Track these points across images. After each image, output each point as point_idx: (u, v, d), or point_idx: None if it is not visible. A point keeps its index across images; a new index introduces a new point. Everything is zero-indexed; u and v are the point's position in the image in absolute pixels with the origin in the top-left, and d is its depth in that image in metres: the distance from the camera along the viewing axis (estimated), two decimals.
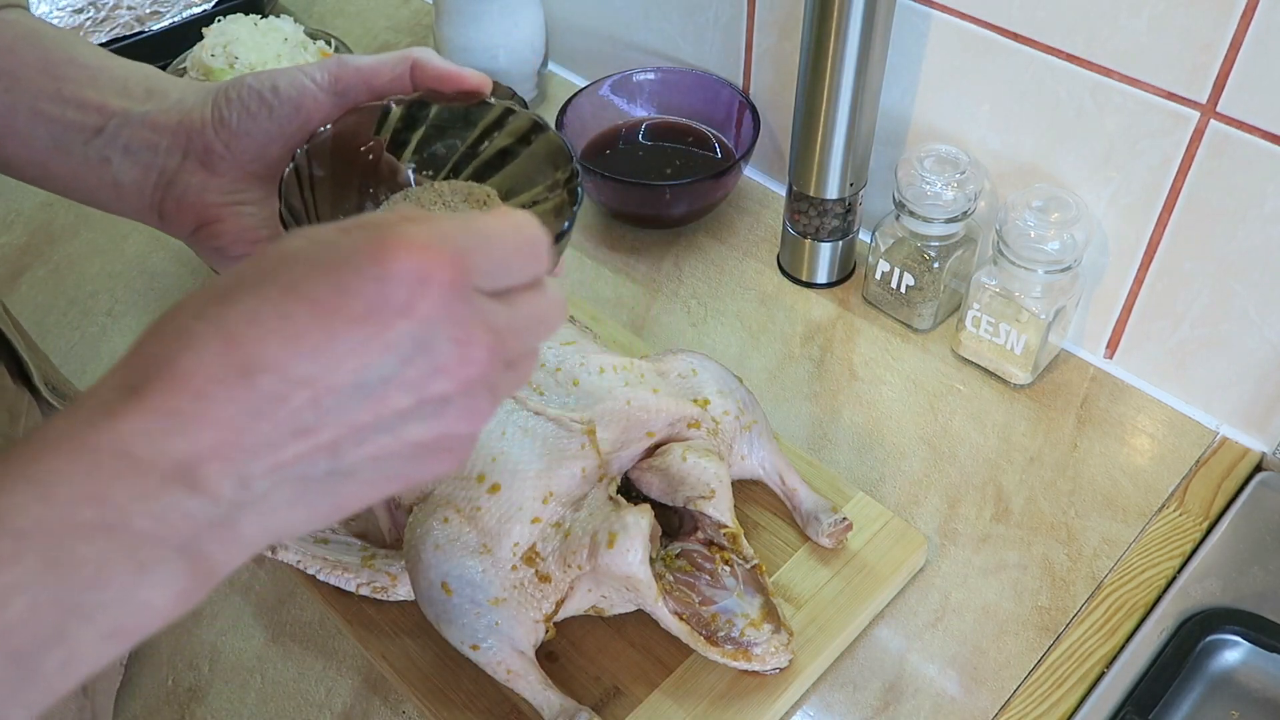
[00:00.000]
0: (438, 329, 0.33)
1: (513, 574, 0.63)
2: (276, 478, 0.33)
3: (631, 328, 0.90)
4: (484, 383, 0.35)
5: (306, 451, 0.33)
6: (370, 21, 1.26)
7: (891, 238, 0.85)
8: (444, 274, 0.33)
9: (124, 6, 1.15)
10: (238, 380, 0.32)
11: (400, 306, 0.32)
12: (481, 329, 0.34)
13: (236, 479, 0.32)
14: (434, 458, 0.36)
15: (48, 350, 0.90)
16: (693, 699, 0.65)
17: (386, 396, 0.33)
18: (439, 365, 0.34)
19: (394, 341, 0.33)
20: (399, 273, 0.32)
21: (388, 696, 0.68)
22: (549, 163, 0.51)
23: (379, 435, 0.34)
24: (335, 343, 0.32)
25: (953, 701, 0.67)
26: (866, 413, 0.83)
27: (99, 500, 0.31)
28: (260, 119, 0.50)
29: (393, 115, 0.51)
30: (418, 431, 0.35)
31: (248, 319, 0.32)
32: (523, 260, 0.37)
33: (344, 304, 0.32)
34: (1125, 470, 0.78)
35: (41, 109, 0.51)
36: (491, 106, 0.52)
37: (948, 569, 0.73)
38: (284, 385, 0.32)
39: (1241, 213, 0.72)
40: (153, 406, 0.31)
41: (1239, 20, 0.66)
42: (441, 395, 0.34)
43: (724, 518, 0.65)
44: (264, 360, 0.32)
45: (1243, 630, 0.69)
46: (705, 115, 1.01)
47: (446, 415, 0.35)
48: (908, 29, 0.82)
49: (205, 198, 0.52)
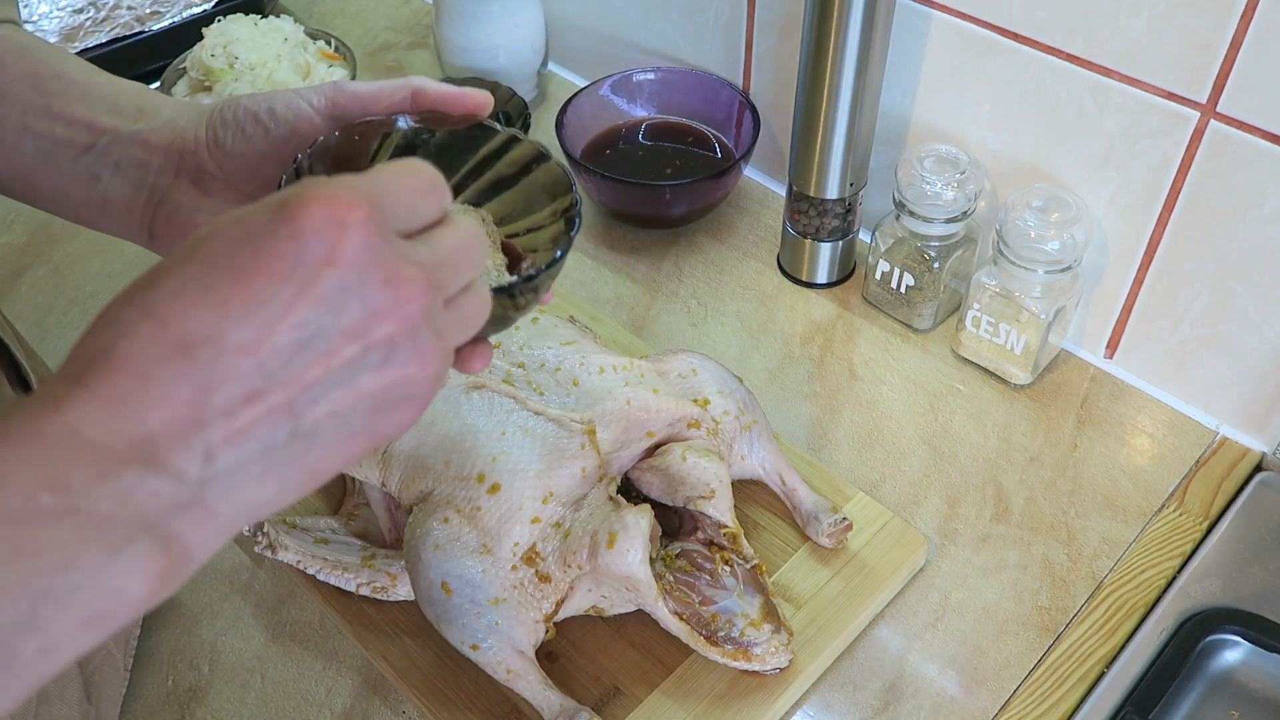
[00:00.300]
0: (366, 272, 0.34)
1: (513, 574, 0.63)
2: (239, 448, 0.33)
3: (631, 328, 0.90)
4: (425, 321, 0.35)
5: (263, 414, 0.33)
6: (370, 21, 1.26)
7: (891, 238, 0.85)
8: (358, 215, 0.33)
9: (124, 6, 1.15)
10: (176, 357, 0.32)
11: (324, 256, 0.33)
12: (409, 265, 0.35)
13: (199, 453, 0.32)
14: (395, 408, 0.36)
15: (48, 350, 0.90)
16: (693, 699, 0.65)
17: (330, 348, 0.34)
18: (375, 308, 0.34)
19: (324, 292, 0.33)
20: (313, 225, 0.33)
21: (388, 696, 0.68)
22: (549, 191, 0.51)
23: (333, 389, 0.34)
24: (265, 305, 0.32)
25: (953, 701, 0.67)
26: (866, 413, 0.83)
27: (58, 486, 0.31)
28: (255, 140, 0.50)
29: (396, 134, 0.51)
30: (371, 381, 0.35)
31: (172, 296, 0.32)
32: (426, 198, 0.37)
33: (264, 265, 0.33)
34: (1125, 470, 0.78)
35: (30, 125, 0.51)
36: (496, 133, 0.52)
37: (948, 569, 0.73)
38: (223, 354, 0.32)
39: (1241, 213, 0.72)
40: (98, 394, 0.32)
41: (1239, 20, 0.66)
42: (385, 339, 0.34)
43: (724, 518, 0.65)
44: (198, 333, 0.32)
45: (1243, 630, 0.69)
46: (705, 115, 1.01)
47: (396, 359, 0.35)
48: (908, 29, 0.82)
49: (196, 219, 0.51)
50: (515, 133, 0.51)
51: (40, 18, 1.14)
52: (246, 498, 0.34)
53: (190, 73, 1.04)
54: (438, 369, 0.36)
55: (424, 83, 0.51)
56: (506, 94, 1.04)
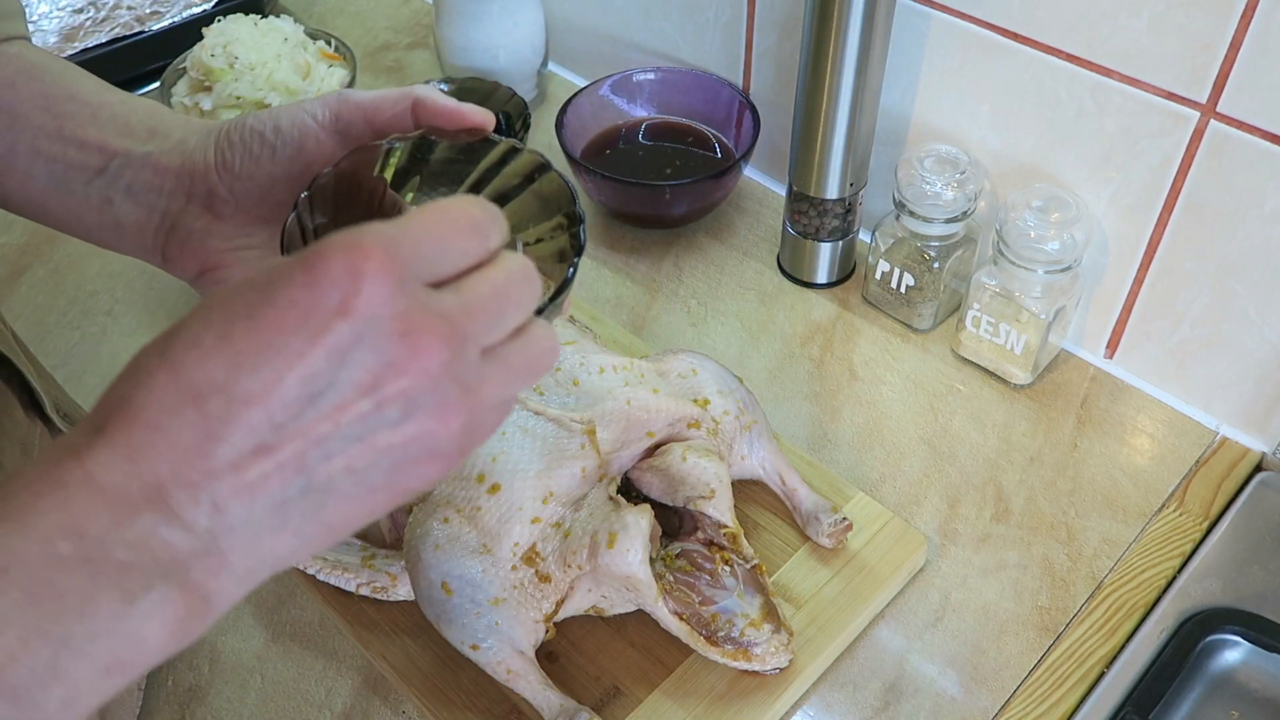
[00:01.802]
0: (379, 324, 0.32)
1: (513, 574, 0.63)
2: (249, 502, 0.32)
3: (631, 328, 0.90)
4: (448, 374, 0.34)
5: (272, 470, 0.32)
6: (370, 21, 1.26)
7: (891, 238, 0.85)
8: (373, 265, 0.32)
9: (124, 6, 1.15)
10: (188, 406, 0.32)
11: (335, 307, 0.32)
12: (429, 317, 0.33)
13: (207, 504, 0.32)
14: (419, 463, 0.35)
15: (48, 351, 0.90)
16: (693, 699, 0.65)
17: (342, 402, 0.33)
18: (389, 361, 0.33)
19: (335, 344, 0.32)
20: (328, 274, 0.32)
21: (388, 696, 0.68)
22: (552, 204, 0.51)
23: (347, 445, 0.33)
24: (274, 355, 0.32)
25: (953, 701, 0.67)
26: (866, 413, 0.83)
27: (76, 533, 0.31)
28: (263, 161, 0.50)
29: (395, 154, 0.51)
30: (388, 436, 0.33)
31: (189, 345, 0.32)
32: (462, 240, 0.36)
33: (278, 314, 0.32)
34: (1125, 470, 0.78)
35: (41, 147, 0.51)
36: (495, 144, 0.51)
37: (948, 569, 0.73)
38: (233, 405, 0.32)
39: (1241, 213, 0.72)
40: (113, 441, 0.32)
41: (1239, 20, 0.66)
42: (402, 393, 0.33)
43: (724, 518, 0.65)
44: (208, 383, 0.32)
45: (1243, 630, 0.69)
46: (705, 115, 1.01)
47: (416, 415, 0.34)
48: (908, 29, 0.82)
49: (209, 243, 0.51)
50: (515, 143, 0.51)
51: (40, 18, 1.14)
52: (263, 550, 0.33)
53: (190, 73, 1.04)
54: (465, 423, 0.35)
55: (425, 93, 0.50)
56: (506, 94, 1.04)
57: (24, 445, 0.60)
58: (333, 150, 0.50)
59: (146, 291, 0.95)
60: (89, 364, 0.89)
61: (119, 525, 0.31)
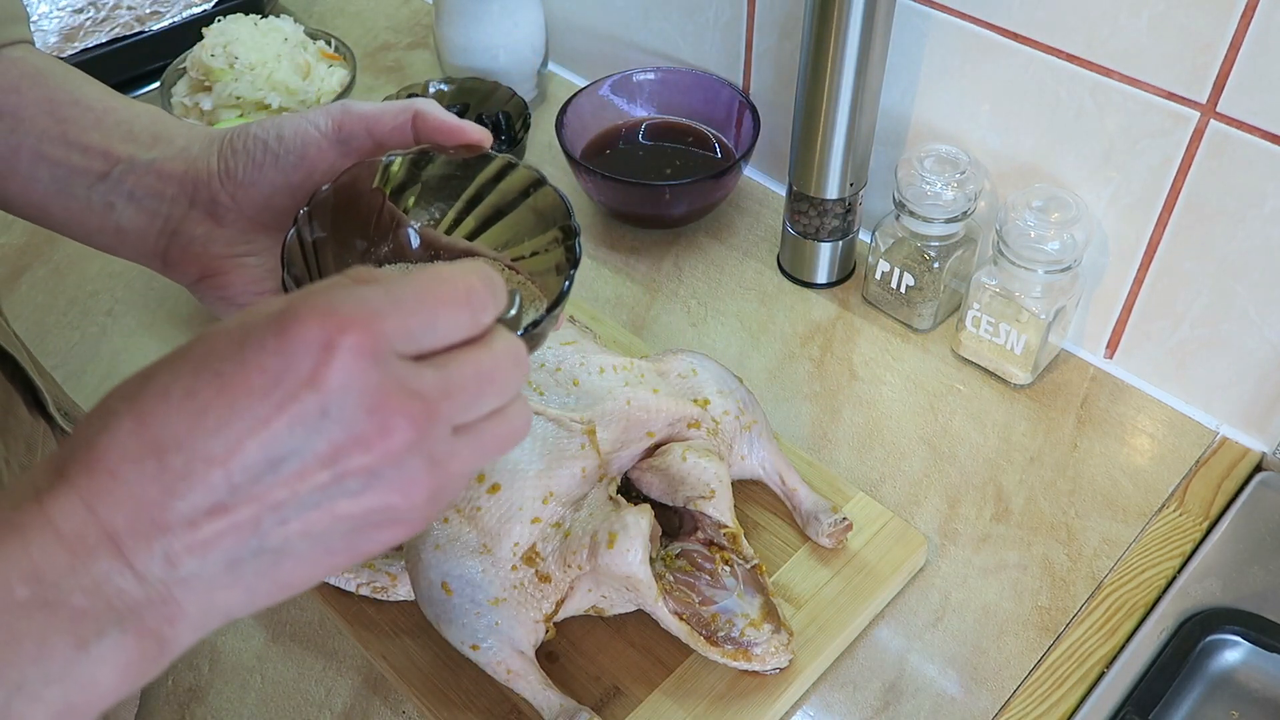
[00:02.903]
0: (348, 398, 0.32)
1: (513, 574, 0.63)
2: (201, 558, 0.32)
3: (631, 328, 0.90)
4: (415, 451, 0.33)
5: (226, 529, 0.32)
6: (370, 21, 1.26)
7: (891, 238, 0.85)
8: (350, 339, 0.32)
9: (124, 6, 1.15)
10: (149, 458, 0.32)
11: (305, 377, 0.32)
12: (401, 395, 0.33)
13: (160, 556, 0.32)
14: (378, 529, 0.34)
15: (48, 351, 0.90)
16: (693, 699, 0.65)
17: (302, 470, 0.32)
18: (355, 435, 0.32)
19: (300, 414, 0.32)
20: (302, 342, 0.32)
21: (388, 696, 0.68)
22: (548, 218, 0.51)
23: (304, 511, 0.33)
24: (239, 418, 0.32)
25: (953, 701, 0.67)
26: (866, 413, 0.83)
27: (34, 578, 0.31)
28: (266, 169, 0.50)
29: (393, 168, 0.51)
30: (347, 506, 0.33)
31: (158, 396, 0.32)
32: (452, 315, 0.35)
33: (247, 377, 0.32)
34: (1125, 470, 0.78)
35: (45, 151, 0.51)
36: (492, 159, 0.52)
37: (948, 569, 0.73)
38: (194, 463, 0.32)
39: (1241, 213, 0.72)
40: (74, 485, 0.32)
41: (1239, 20, 0.66)
42: (364, 468, 0.33)
43: (724, 518, 0.65)
44: (172, 438, 0.32)
45: (1243, 630, 0.69)
46: (705, 115, 1.01)
47: (377, 488, 0.33)
48: (908, 29, 0.82)
49: (210, 249, 0.51)
50: (510, 158, 0.51)
51: (40, 18, 1.14)
52: (216, 602, 0.33)
53: (190, 73, 1.04)
54: (430, 495, 0.35)
55: (425, 107, 0.50)
56: (506, 94, 1.04)
57: (28, 443, 0.60)
58: (334, 159, 0.50)
59: (146, 291, 0.95)
60: (89, 364, 0.89)
61: (75, 571, 0.31)
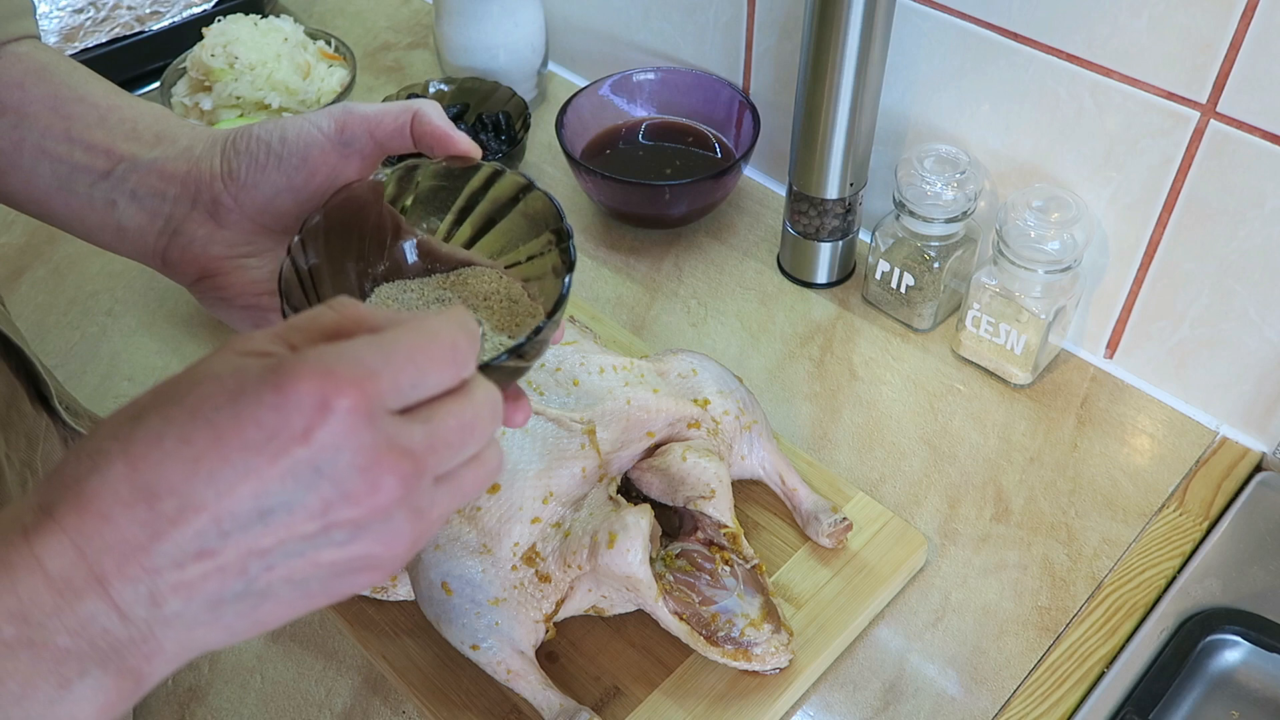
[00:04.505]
0: (340, 456, 0.33)
1: (513, 574, 0.63)
2: (186, 599, 0.33)
3: (631, 328, 0.90)
4: (401, 505, 0.34)
5: (211, 572, 0.33)
6: (370, 21, 1.26)
7: (891, 238, 0.85)
8: (345, 400, 0.33)
9: (124, 6, 1.15)
10: (140, 502, 0.32)
11: (298, 434, 0.32)
12: (392, 454, 0.34)
13: (146, 596, 0.33)
14: (356, 575, 0.35)
15: (48, 350, 0.90)
16: (693, 699, 0.65)
17: (290, 522, 0.33)
18: (345, 492, 0.33)
19: (293, 469, 0.32)
20: (297, 400, 0.32)
21: (388, 696, 0.68)
22: (539, 222, 0.52)
23: (289, 558, 0.34)
24: (232, 469, 0.32)
25: (953, 701, 0.67)
26: (866, 413, 0.83)
27: (20, 618, 0.32)
28: (269, 171, 0.50)
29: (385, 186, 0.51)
30: (331, 554, 0.34)
31: (151, 441, 0.33)
32: (440, 370, 0.36)
33: (242, 429, 0.32)
34: (1125, 470, 0.78)
35: (48, 148, 0.51)
36: (479, 168, 0.52)
37: (948, 569, 0.73)
38: (185, 509, 0.32)
39: (1241, 213, 0.72)
40: (63, 526, 0.32)
41: (1239, 20, 0.66)
42: (351, 521, 0.34)
43: (724, 518, 0.65)
44: (165, 484, 0.32)
45: (1243, 630, 0.69)
46: (705, 115, 1.01)
47: (362, 539, 0.34)
48: (908, 29, 0.82)
49: (210, 250, 0.51)
50: (498, 166, 0.52)
51: (40, 18, 1.14)
52: (195, 638, 0.34)
53: (190, 73, 1.04)
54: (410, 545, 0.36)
55: (424, 107, 0.51)
56: (506, 94, 1.04)
57: (29, 438, 0.60)
58: (336, 161, 0.50)
59: (146, 291, 0.95)
60: (89, 364, 0.89)
61: (61, 611, 0.32)
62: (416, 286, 0.53)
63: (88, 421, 0.66)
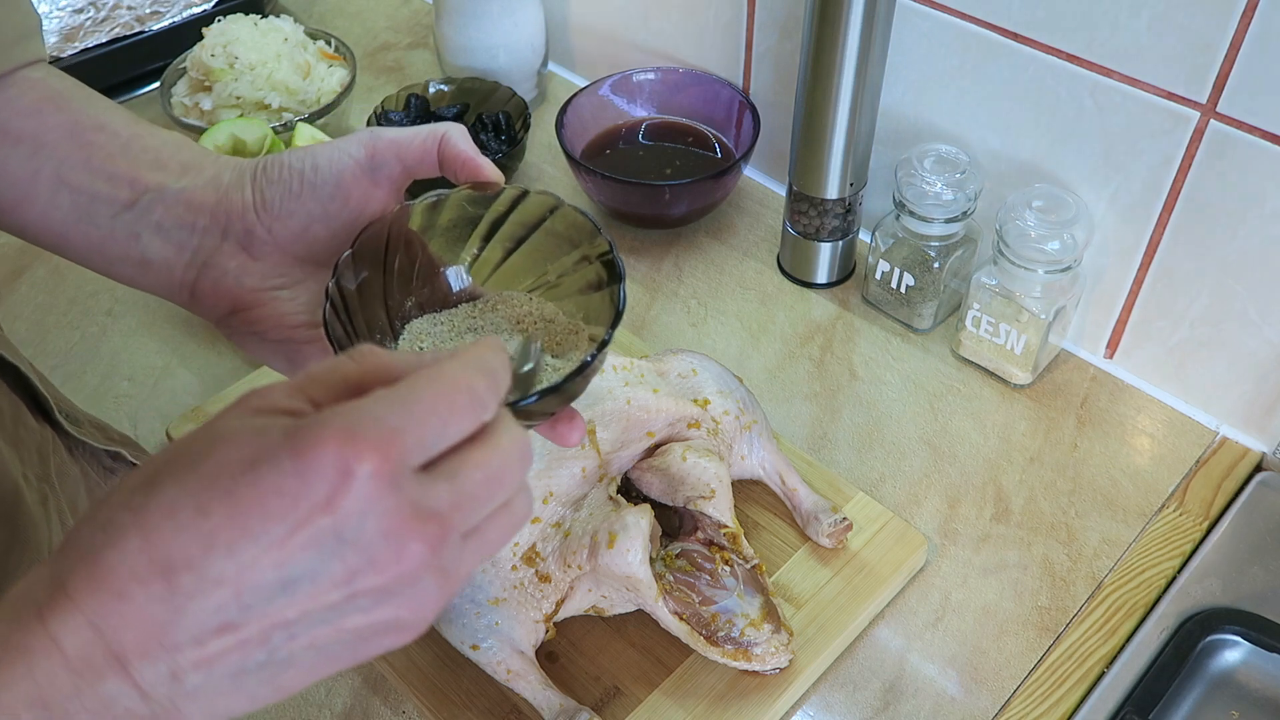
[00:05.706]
0: (365, 523, 0.32)
1: (513, 574, 0.63)
2: (207, 673, 0.32)
3: (631, 327, 0.90)
4: (429, 570, 0.33)
5: (233, 646, 0.32)
6: (370, 21, 1.26)
7: (891, 238, 0.85)
8: (367, 465, 0.31)
9: (124, 6, 1.15)
10: (157, 578, 0.31)
11: (320, 502, 0.31)
12: (417, 519, 0.32)
13: (167, 674, 0.32)
14: (381, 638, 0.34)
15: (48, 351, 0.90)
16: (693, 699, 0.65)
17: (313, 592, 0.32)
18: (370, 560, 0.32)
19: (316, 538, 0.31)
20: (318, 467, 0.31)
21: (388, 696, 0.68)
22: (569, 239, 0.51)
23: (312, 627, 0.33)
24: (252, 540, 0.31)
25: (953, 701, 0.67)
26: (866, 413, 0.83)
27: (39, 703, 0.31)
28: (304, 199, 0.49)
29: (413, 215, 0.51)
30: (356, 621, 0.33)
31: (166, 513, 0.31)
32: (461, 420, 0.34)
33: (262, 498, 0.31)
34: (1125, 470, 0.78)
35: (66, 178, 0.50)
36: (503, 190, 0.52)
37: (948, 569, 0.73)
38: (204, 584, 0.31)
39: (1241, 213, 0.72)
40: (79, 605, 0.31)
41: (1239, 20, 0.66)
42: (377, 588, 0.33)
43: (724, 518, 0.65)
44: (182, 558, 0.31)
45: (1243, 630, 0.69)
46: (705, 115, 1.01)
47: (388, 604, 0.33)
48: (908, 29, 0.82)
49: (243, 282, 0.50)
50: (522, 188, 0.51)
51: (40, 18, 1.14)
52: (217, 708, 0.33)
53: (190, 73, 1.04)
54: (437, 606, 0.34)
55: (452, 131, 0.50)
56: (506, 94, 1.04)
57: (40, 453, 0.59)
58: (367, 187, 0.50)
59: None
60: (89, 364, 0.89)
61: (81, 693, 0.31)
62: (446, 319, 0.53)
63: (89, 429, 0.65)
